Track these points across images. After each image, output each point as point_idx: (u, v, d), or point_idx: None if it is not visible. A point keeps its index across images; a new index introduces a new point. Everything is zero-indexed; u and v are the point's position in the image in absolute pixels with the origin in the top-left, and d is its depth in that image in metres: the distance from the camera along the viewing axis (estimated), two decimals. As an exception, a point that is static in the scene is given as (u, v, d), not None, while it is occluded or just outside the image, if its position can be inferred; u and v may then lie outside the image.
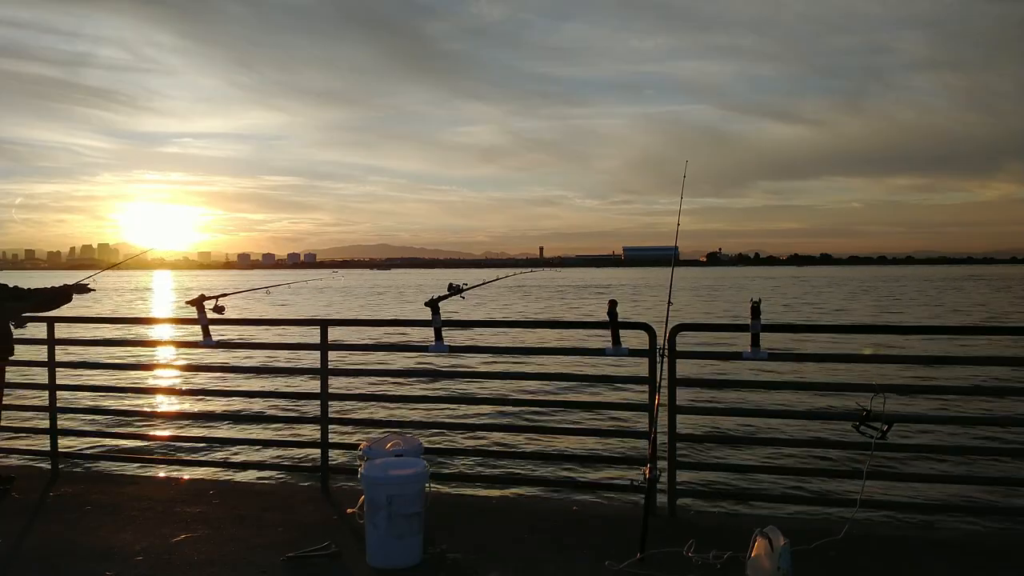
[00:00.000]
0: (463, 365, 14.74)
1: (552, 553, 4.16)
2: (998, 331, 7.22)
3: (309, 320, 5.79)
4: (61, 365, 6.05)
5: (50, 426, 5.99)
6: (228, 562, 4.07)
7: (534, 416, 9.96)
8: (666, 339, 4.69)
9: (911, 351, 14.05)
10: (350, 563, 4.06)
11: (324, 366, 5.51)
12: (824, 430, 8.46)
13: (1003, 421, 6.19)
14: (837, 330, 6.34)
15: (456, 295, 5.31)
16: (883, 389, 4.32)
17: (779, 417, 9.75)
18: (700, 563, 3.93)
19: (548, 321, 27.92)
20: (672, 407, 4.82)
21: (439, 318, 5.27)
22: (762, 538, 3.70)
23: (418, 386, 13.59)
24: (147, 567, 4.02)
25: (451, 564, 4.01)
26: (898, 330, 9.33)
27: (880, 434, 4.29)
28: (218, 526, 4.64)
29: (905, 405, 5.29)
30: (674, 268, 5.22)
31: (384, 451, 4.45)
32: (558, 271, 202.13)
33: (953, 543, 4.35)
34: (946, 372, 13.23)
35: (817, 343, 17.45)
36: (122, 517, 4.82)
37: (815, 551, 4.05)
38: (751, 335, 4.72)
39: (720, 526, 4.66)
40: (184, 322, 6.36)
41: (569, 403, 8.63)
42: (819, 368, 14.95)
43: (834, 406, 8.80)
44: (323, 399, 5.51)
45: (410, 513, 3.98)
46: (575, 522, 4.70)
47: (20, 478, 5.57)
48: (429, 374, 11.73)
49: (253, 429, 8.64)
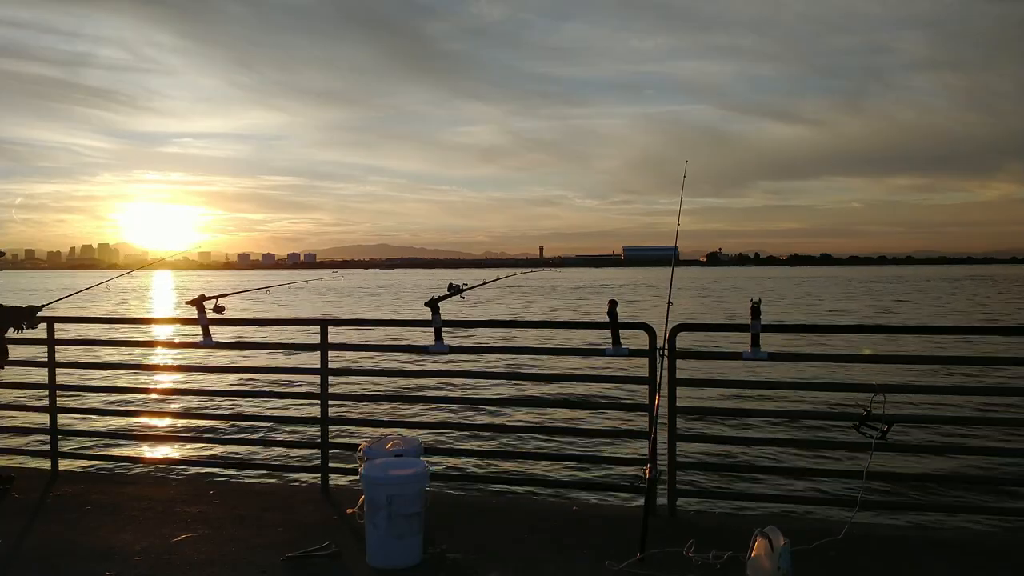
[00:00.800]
0: (463, 365, 14.73)
1: (552, 553, 4.16)
2: (998, 331, 7.21)
3: (309, 320, 5.81)
4: (61, 365, 6.05)
5: (50, 426, 5.98)
6: (228, 562, 4.07)
7: (534, 416, 9.96)
8: (666, 339, 4.69)
9: (911, 351, 14.05)
10: (350, 563, 4.06)
11: (324, 366, 5.51)
12: (824, 430, 8.47)
13: (1003, 421, 6.18)
14: (837, 330, 6.32)
15: (456, 295, 5.31)
16: (883, 389, 4.32)
17: (779, 417, 9.76)
18: (700, 563, 3.93)
19: (548, 321, 27.92)
20: (672, 407, 4.82)
21: (439, 318, 5.26)
22: (762, 538, 3.70)
23: (418, 386, 13.58)
24: (147, 567, 4.02)
25: (451, 564, 4.01)
26: (898, 330, 9.31)
27: (880, 434, 4.29)
28: (218, 526, 4.64)
29: (905, 405, 5.28)
30: (674, 268, 5.22)
31: (384, 451, 4.45)
32: (558, 271, 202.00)
33: (953, 543, 4.35)
34: (946, 372, 13.24)
35: (817, 343, 17.45)
36: (122, 517, 4.81)
37: (815, 551, 4.05)
38: (751, 335, 4.73)
39: (720, 526, 4.67)
40: (184, 322, 6.36)
41: (569, 403, 8.62)
42: (819, 368, 14.95)
43: (834, 406, 8.81)
44: (323, 399, 5.51)
45: (410, 513, 3.98)
46: (575, 522, 4.70)
47: (20, 478, 5.56)
48: (429, 374, 11.71)
49: (253, 429, 8.65)
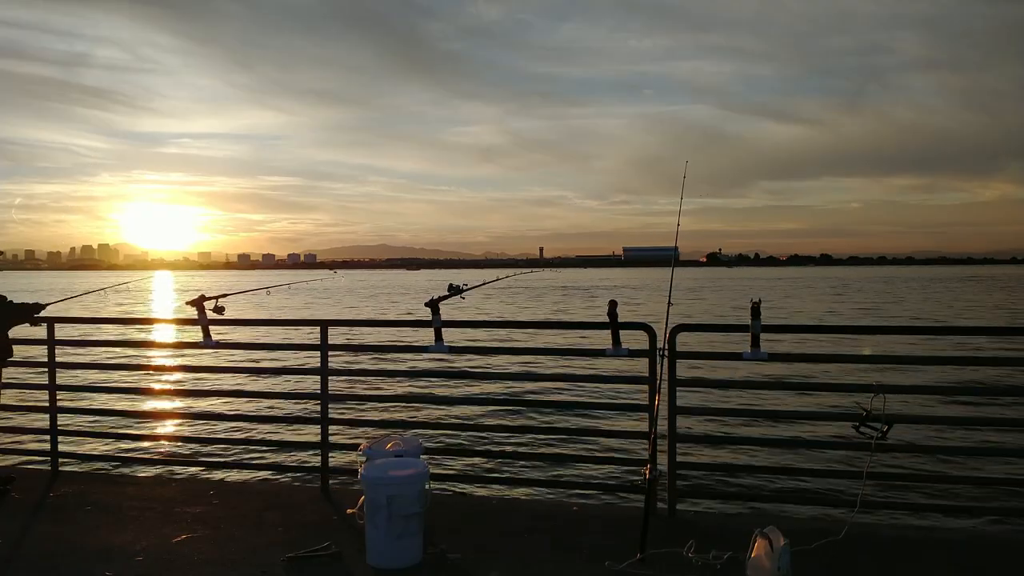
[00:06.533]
0: (463, 365, 14.74)
1: (552, 553, 4.16)
2: (998, 331, 7.21)
3: (309, 320, 5.80)
4: (61, 365, 6.04)
5: (50, 426, 5.98)
6: (228, 562, 4.07)
7: (534, 416, 9.96)
8: (666, 339, 4.69)
9: (911, 351, 14.05)
10: (350, 563, 4.06)
11: (324, 366, 5.51)
12: (824, 430, 8.47)
13: (1003, 421, 6.18)
14: (837, 330, 6.31)
15: (456, 295, 5.31)
16: (883, 389, 4.32)
17: (779, 417, 9.76)
18: (700, 563, 3.93)
19: (548, 321, 27.94)
20: (672, 407, 4.82)
21: (439, 318, 5.26)
22: (762, 538, 3.70)
23: (418, 386, 13.59)
24: (147, 567, 4.02)
25: (451, 564, 4.01)
26: (898, 330, 9.31)
27: (880, 434, 4.29)
28: (218, 526, 4.64)
29: (905, 405, 5.28)
30: (674, 268, 5.21)
31: (384, 451, 4.45)
32: (558, 271, 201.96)
33: (953, 543, 4.34)
34: (946, 372, 13.24)
35: (817, 343, 17.45)
36: (122, 517, 4.81)
37: (815, 551, 4.05)
38: (751, 335, 4.73)
39: (720, 526, 4.66)
40: (184, 323, 6.36)
41: (569, 403, 8.64)
42: (819, 368, 14.95)
43: (834, 406, 8.81)
44: (323, 399, 5.51)
45: (410, 513, 3.97)
46: (575, 522, 4.70)
47: (20, 478, 5.57)
48: (429, 374, 11.74)
49: (253, 429, 8.64)
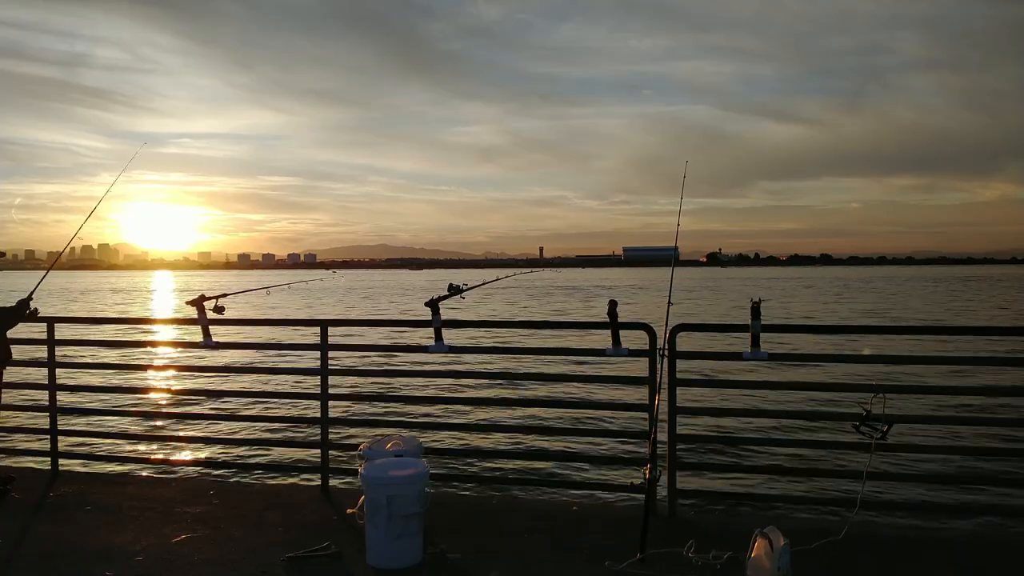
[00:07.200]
0: (463, 365, 14.73)
1: (552, 553, 4.16)
2: (998, 331, 7.20)
3: (309, 320, 5.80)
4: (61, 365, 6.05)
5: (50, 426, 5.98)
6: (228, 562, 4.07)
7: (534, 416, 9.95)
8: (666, 339, 4.69)
9: (911, 351, 14.03)
10: (350, 563, 4.06)
11: (324, 366, 5.51)
12: (824, 430, 8.46)
13: (1003, 421, 6.18)
14: (837, 330, 6.31)
15: (456, 295, 5.31)
16: (883, 389, 4.32)
17: (779, 417, 9.73)
18: (700, 563, 3.93)
19: (548, 321, 27.82)
20: (672, 407, 4.82)
21: (439, 318, 5.26)
22: (762, 538, 3.70)
23: (418, 386, 13.58)
24: (147, 567, 4.02)
25: (451, 564, 4.01)
26: (898, 330, 9.30)
27: (880, 434, 4.29)
28: (218, 526, 4.64)
29: (905, 405, 5.28)
30: (674, 268, 5.21)
31: (384, 451, 4.45)
32: (558, 271, 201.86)
33: (953, 543, 4.34)
34: (946, 372, 13.23)
35: (817, 343, 17.45)
36: (122, 517, 4.82)
37: (815, 551, 4.05)
38: (751, 335, 4.73)
39: (720, 526, 4.66)
40: (184, 322, 6.36)
41: (569, 403, 8.63)
42: (819, 368, 14.95)
43: (834, 406, 8.81)
44: (323, 399, 5.51)
45: (410, 513, 3.98)
46: (575, 522, 4.70)
47: (20, 478, 5.57)
48: (429, 374, 11.70)
49: (253, 429, 8.64)
